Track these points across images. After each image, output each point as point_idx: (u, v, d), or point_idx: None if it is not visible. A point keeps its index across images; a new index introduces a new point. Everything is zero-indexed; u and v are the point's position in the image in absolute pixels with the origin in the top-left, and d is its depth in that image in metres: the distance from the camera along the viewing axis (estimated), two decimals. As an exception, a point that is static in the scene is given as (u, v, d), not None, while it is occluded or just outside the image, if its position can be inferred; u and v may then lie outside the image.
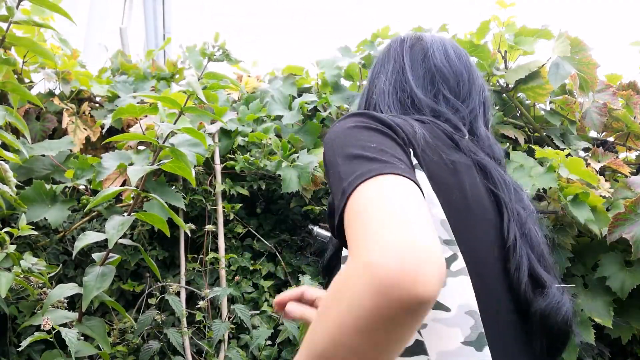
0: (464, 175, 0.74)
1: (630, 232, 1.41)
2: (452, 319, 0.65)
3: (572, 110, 1.82)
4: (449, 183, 0.72)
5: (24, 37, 1.38)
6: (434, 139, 0.75)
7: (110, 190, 1.27)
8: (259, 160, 1.71)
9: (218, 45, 1.37)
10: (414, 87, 0.88)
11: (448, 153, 0.75)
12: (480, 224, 0.73)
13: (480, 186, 0.76)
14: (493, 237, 0.73)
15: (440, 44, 0.94)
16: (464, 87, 0.91)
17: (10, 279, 1.18)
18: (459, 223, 0.70)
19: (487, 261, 0.71)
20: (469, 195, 0.73)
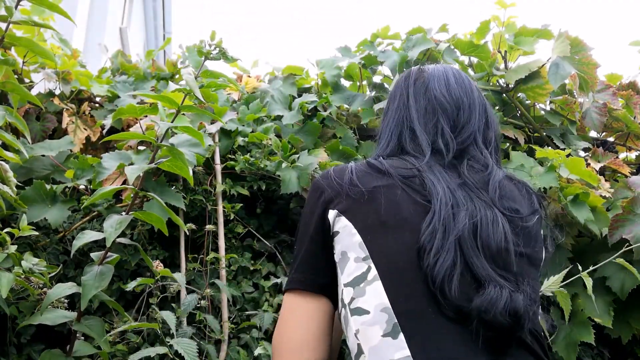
0: (380, 199, 0.89)
1: (631, 232, 1.41)
2: (371, 319, 0.81)
3: (572, 110, 1.82)
4: (365, 211, 0.89)
5: (24, 37, 1.38)
6: (364, 175, 0.93)
7: (107, 188, 1.27)
8: (259, 161, 1.71)
9: (214, 43, 1.36)
10: (416, 122, 1.00)
11: (372, 182, 0.91)
12: (396, 235, 0.85)
13: (402, 201, 0.88)
14: (411, 239, 0.84)
15: (441, 74, 1.04)
16: (464, 114, 1.00)
17: (11, 279, 1.18)
18: (374, 240, 0.86)
19: (404, 265, 0.83)
20: (382, 215, 0.87)
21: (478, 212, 0.86)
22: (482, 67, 1.91)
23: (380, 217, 0.87)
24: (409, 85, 1.05)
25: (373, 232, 0.87)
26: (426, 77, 1.04)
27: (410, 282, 0.82)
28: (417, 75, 1.06)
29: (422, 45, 1.80)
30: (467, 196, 0.89)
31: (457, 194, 0.88)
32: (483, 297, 0.78)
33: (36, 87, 1.89)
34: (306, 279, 0.89)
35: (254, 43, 17.72)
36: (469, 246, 0.83)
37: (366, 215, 0.88)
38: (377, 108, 1.82)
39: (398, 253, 0.84)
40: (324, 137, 1.92)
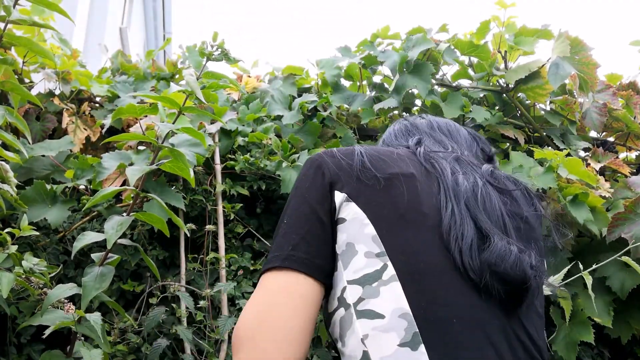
0: (401, 188, 0.82)
1: (630, 232, 1.41)
2: (387, 325, 0.71)
3: (572, 110, 1.82)
4: (381, 200, 0.80)
5: (23, 37, 1.38)
6: (377, 160, 0.86)
7: (108, 189, 1.27)
8: (259, 161, 1.71)
9: (217, 44, 1.37)
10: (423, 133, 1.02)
11: (387, 168, 0.84)
12: (416, 231, 0.78)
13: (422, 193, 0.82)
14: (432, 238, 0.78)
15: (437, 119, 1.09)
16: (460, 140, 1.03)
17: (12, 279, 1.18)
18: (392, 234, 0.77)
19: (426, 267, 0.76)
20: (401, 207, 0.80)
21: (474, 179, 0.85)
22: (482, 67, 1.91)
23: (398, 209, 0.79)
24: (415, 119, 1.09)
25: (390, 225, 0.78)
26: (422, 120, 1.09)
27: (433, 286, 0.74)
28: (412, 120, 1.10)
29: (422, 45, 1.80)
30: (464, 169, 0.88)
31: (456, 166, 0.88)
32: (491, 249, 0.75)
33: (36, 87, 1.89)
34: (311, 262, 0.76)
35: (254, 43, 17.37)
36: (477, 211, 0.80)
37: (382, 205, 0.80)
38: (377, 108, 1.82)
39: (419, 252, 0.76)
40: (324, 137, 1.92)
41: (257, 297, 0.75)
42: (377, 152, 0.87)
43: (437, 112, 1.84)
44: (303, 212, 0.80)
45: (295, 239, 0.77)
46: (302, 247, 0.77)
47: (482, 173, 0.88)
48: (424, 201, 0.81)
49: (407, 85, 1.76)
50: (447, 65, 1.92)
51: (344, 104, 1.91)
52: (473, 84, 1.93)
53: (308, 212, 0.80)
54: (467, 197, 0.81)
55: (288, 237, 0.78)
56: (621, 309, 1.59)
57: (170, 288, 1.59)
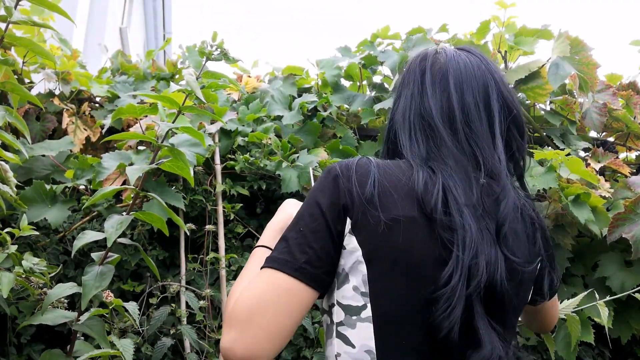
0: (397, 237, 0.80)
1: (630, 231, 1.41)
2: (355, 354, 0.81)
3: (572, 110, 1.82)
4: (378, 242, 0.81)
5: (23, 37, 1.38)
6: (384, 194, 0.82)
7: (108, 188, 1.28)
8: (259, 160, 1.71)
9: (216, 44, 1.36)
10: (435, 117, 0.89)
11: (393, 208, 0.81)
12: (402, 281, 0.80)
13: (418, 244, 0.81)
14: (416, 292, 0.80)
15: (455, 61, 0.93)
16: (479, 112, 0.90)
17: (12, 279, 1.18)
18: (379, 279, 0.81)
19: (402, 316, 0.80)
20: (395, 255, 0.80)
21: (489, 253, 0.81)
22: (482, 67, 1.91)
23: (391, 256, 0.80)
24: (424, 71, 0.94)
25: (380, 269, 0.81)
26: (442, 64, 0.93)
27: (403, 335, 0.80)
28: (433, 60, 0.94)
29: (422, 45, 1.80)
30: (479, 225, 0.82)
31: (478, 232, 0.81)
32: (479, 355, 0.77)
33: (36, 87, 1.89)
34: (320, 278, 0.81)
35: (254, 43, 17.39)
36: (476, 294, 0.79)
37: (377, 247, 0.81)
38: (377, 108, 1.82)
39: (398, 302, 0.80)
40: (324, 137, 1.92)
41: (261, 288, 0.79)
42: (388, 181, 0.83)
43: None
44: (320, 227, 0.82)
45: (309, 252, 0.80)
46: (315, 262, 0.80)
47: (496, 234, 0.83)
48: (418, 251, 0.81)
49: (407, 85, 1.76)
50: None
51: (344, 104, 1.91)
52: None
53: (324, 228, 0.82)
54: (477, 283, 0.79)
55: (302, 248, 0.81)
56: (621, 309, 1.59)
57: (171, 288, 1.59)
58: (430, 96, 0.90)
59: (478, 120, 0.89)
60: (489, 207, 0.84)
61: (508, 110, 0.93)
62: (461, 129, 0.88)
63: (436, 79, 0.92)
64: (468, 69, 0.92)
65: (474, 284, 0.78)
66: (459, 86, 0.90)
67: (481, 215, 0.82)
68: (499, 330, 0.80)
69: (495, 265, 0.80)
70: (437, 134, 0.88)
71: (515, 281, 0.83)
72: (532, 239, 0.87)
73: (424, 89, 0.91)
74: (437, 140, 0.87)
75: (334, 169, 0.85)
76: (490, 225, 0.82)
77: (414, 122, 0.90)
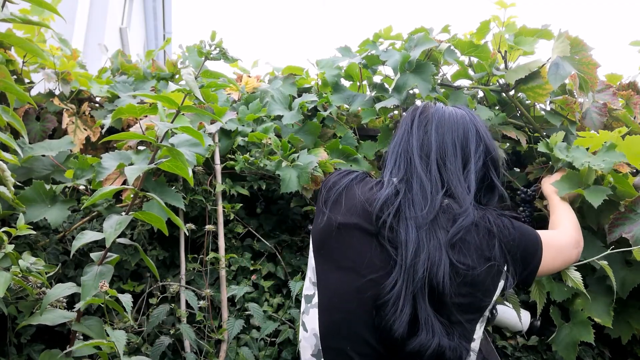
0: (351, 239, 1.01)
1: (631, 231, 1.41)
2: (307, 338, 1.01)
3: (572, 110, 1.82)
4: (324, 241, 1.03)
5: (16, 36, 1.37)
6: (340, 205, 1.05)
7: (107, 188, 1.28)
8: (259, 160, 1.70)
9: (214, 43, 1.36)
10: (415, 151, 1.10)
11: (347, 218, 1.02)
12: (351, 278, 0.98)
13: (367, 249, 0.99)
14: (354, 285, 0.97)
15: (441, 111, 1.16)
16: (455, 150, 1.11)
17: (8, 278, 1.18)
18: (324, 272, 1.02)
19: (340, 305, 0.98)
20: (344, 256, 1.00)
21: (433, 256, 0.95)
22: (482, 67, 1.91)
23: (332, 253, 1.01)
24: (414, 117, 1.17)
25: (325, 264, 1.01)
26: (428, 114, 1.16)
27: (338, 321, 0.97)
28: (422, 110, 1.18)
29: (424, 45, 1.79)
30: (428, 234, 0.98)
31: (421, 233, 0.98)
32: (416, 341, 0.90)
33: (36, 87, 1.89)
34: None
35: (254, 43, 17.33)
36: (421, 292, 0.93)
37: (322, 246, 1.03)
38: (379, 107, 1.81)
39: (339, 292, 0.98)
40: (324, 137, 1.92)
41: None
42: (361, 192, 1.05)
43: (437, 112, 1.84)
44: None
45: None
46: None
47: (446, 243, 0.98)
48: (358, 251, 0.99)
49: (408, 85, 1.75)
50: (448, 65, 1.92)
51: (344, 104, 1.91)
52: (473, 84, 1.93)
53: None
54: (420, 282, 0.93)
55: None
56: (621, 309, 1.59)
57: (171, 288, 1.59)
58: (415, 135, 1.13)
59: (453, 156, 1.10)
60: (442, 222, 1.00)
61: (487, 152, 1.14)
62: (434, 161, 1.08)
63: (422, 123, 1.14)
64: (451, 117, 1.14)
65: (417, 282, 0.93)
66: (440, 129, 1.12)
67: (430, 227, 0.99)
68: (443, 322, 0.93)
69: (438, 266, 0.94)
70: (412, 164, 1.09)
71: (459, 281, 0.96)
72: (487, 248, 1.01)
73: (412, 130, 1.14)
74: (412, 168, 1.08)
75: (329, 178, 1.13)
76: (441, 235, 0.98)
77: (399, 154, 1.12)
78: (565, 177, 1.52)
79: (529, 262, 1.08)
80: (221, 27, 18.21)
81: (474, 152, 1.11)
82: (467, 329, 0.97)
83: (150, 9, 8.42)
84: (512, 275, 1.04)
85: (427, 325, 0.91)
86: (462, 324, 0.96)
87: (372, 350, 0.95)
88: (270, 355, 1.59)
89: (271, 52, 33.23)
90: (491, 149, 1.14)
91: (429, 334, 0.90)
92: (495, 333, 1.74)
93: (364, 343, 0.95)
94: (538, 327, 1.50)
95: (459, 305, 0.96)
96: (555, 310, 1.62)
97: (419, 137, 1.12)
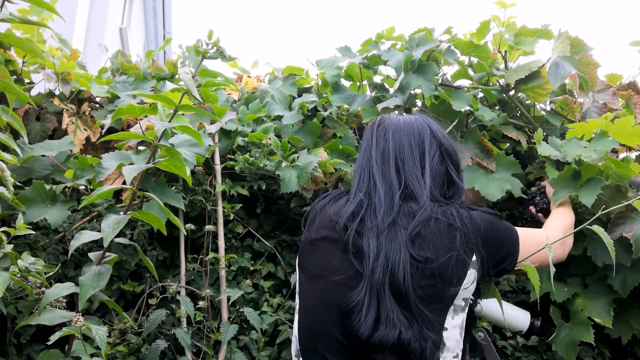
0: (320, 250, 1.12)
1: (631, 230, 1.41)
2: (294, 339, 1.14)
3: (572, 110, 1.82)
4: (306, 256, 1.16)
5: (15, 36, 1.37)
6: (314, 223, 1.17)
7: (105, 188, 1.27)
8: (259, 160, 1.70)
9: (212, 42, 1.36)
10: (374, 163, 1.17)
11: (318, 233, 1.14)
12: (318, 283, 1.09)
13: (333, 255, 1.09)
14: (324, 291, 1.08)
15: (396, 120, 1.23)
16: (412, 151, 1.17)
17: (7, 278, 1.18)
18: (300, 281, 1.16)
19: (313, 310, 1.09)
20: (314, 265, 1.12)
21: (392, 256, 1.02)
22: (482, 67, 1.90)
23: (311, 267, 1.12)
24: (372, 131, 1.23)
25: (305, 275, 1.13)
26: (386, 124, 1.22)
27: (311, 323, 1.08)
28: (379, 123, 1.24)
29: (426, 45, 1.79)
30: (388, 237, 1.04)
31: (382, 238, 1.04)
32: (376, 335, 0.97)
33: (36, 87, 1.89)
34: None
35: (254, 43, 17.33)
36: (383, 290, 1.00)
37: (304, 260, 1.15)
38: (381, 107, 1.81)
39: (310, 297, 1.10)
40: (324, 137, 1.91)
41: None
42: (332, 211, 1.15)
43: (437, 111, 1.84)
44: None
45: None
46: None
47: (405, 241, 1.04)
48: (328, 260, 1.09)
49: (412, 85, 1.75)
50: (448, 65, 1.92)
51: (344, 104, 1.91)
52: (473, 84, 1.93)
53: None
54: (380, 283, 1.00)
55: None
56: (621, 309, 1.59)
57: (170, 288, 1.59)
58: (374, 147, 1.19)
59: (410, 157, 1.16)
60: (403, 222, 1.06)
61: (440, 146, 1.19)
62: (393, 165, 1.15)
63: (380, 134, 1.21)
64: (406, 123, 1.21)
65: (376, 282, 1.00)
66: (397, 134, 1.19)
67: (390, 230, 1.05)
68: (406, 315, 0.99)
69: (398, 264, 1.01)
70: (372, 176, 1.15)
71: (420, 275, 1.02)
72: (448, 240, 1.05)
73: (372, 143, 1.21)
74: (372, 180, 1.15)
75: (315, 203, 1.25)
76: (401, 235, 1.04)
77: (362, 169, 1.19)
78: (557, 179, 1.52)
79: (501, 252, 1.13)
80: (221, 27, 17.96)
81: (428, 149, 1.17)
82: (430, 319, 1.02)
83: (150, 9, 8.42)
84: (485, 264, 1.08)
85: (388, 319, 0.98)
86: (425, 314, 1.01)
87: (342, 347, 1.03)
88: (270, 356, 1.59)
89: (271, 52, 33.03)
90: (445, 143, 1.20)
91: (389, 327, 0.97)
92: (495, 333, 1.74)
93: (335, 341, 1.03)
94: (538, 327, 1.50)
95: (421, 297, 1.01)
96: (555, 310, 1.61)
97: (378, 147, 1.19)
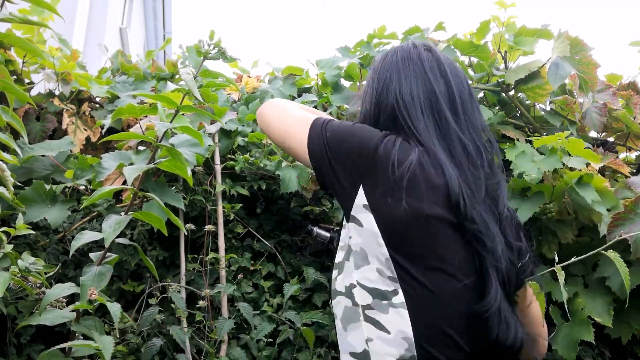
0: (428, 230, 0.84)
1: (630, 231, 1.41)
2: (390, 340, 0.83)
3: (572, 110, 1.82)
4: (405, 233, 0.84)
5: (15, 36, 1.37)
6: (418, 190, 0.84)
7: (106, 188, 1.27)
8: (259, 160, 1.70)
9: (213, 43, 1.36)
10: (441, 101, 0.91)
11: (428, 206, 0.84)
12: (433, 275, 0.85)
13: (448, 240, 0.85)
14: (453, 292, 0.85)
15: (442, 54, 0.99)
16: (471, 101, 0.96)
17: (7, 278, 1.18)
18: (408, 268, 0.84)
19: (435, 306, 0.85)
20: (422, 248, 0.84)
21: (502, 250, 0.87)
22: (482, 67, 1.91)
23: (417, 248, 0.84)
24: (422, 59, 0.96)
25: (407, 258, 0.84)
26: (433, 55, 0.97)
27: (432, 326, 0.84)
28: (423, 49, 0.98)
29: (422, 45, 1.79)
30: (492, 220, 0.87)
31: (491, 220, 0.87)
32: (508, 333, 0.84)
33: (36, 87, 1.89)
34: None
35: (254, 43, 17.25)
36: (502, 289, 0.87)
37: (402, 235, 0.84)
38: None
39: (431, 295, 0.84)
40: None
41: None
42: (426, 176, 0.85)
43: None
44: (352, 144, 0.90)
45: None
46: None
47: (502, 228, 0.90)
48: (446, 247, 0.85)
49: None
50: (447, 65, 1.92)
51: (344, 104, 1.91)
52: (473, 84, 1.93)
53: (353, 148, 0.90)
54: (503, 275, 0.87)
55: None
56: (621, 309, 1.59)
57: (170, 288, 1.59)
58: (432, 80, 0.92)
59: (471, 108, 0.93)
60: (491, 201, 0.89)
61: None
62: (462, 115, 0.91)
63: (433, 65, 0.94)
64: (453, 61, 0.97)
65: (501, 281, 0.86)
66: (455, 74, 0.94)
67: (489, 209, 0.87)
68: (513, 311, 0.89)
69: (505, 257, 0.86)
70: (443, 118, 0.90)
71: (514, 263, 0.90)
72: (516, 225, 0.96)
73: (428, 75, 0.93)
74: (443, 124, 0.90)
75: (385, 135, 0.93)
76: (495, 218, 0.88)
77: (423, 103, 0.91)
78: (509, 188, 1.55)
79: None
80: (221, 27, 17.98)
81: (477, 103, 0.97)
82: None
83: (150, 9, 8.42)
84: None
85: (507, 321, 0.86)
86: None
87: (464, 356, 0.86)
88: (270, 356, 1.59)
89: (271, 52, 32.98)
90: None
91: (509, 328, 0.86)
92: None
93: (457, 349, 0.85)
94: None
95: (515, 288, 0.93)
96: (555, 310, 1.61)
97: (438, 83, 0.92)
